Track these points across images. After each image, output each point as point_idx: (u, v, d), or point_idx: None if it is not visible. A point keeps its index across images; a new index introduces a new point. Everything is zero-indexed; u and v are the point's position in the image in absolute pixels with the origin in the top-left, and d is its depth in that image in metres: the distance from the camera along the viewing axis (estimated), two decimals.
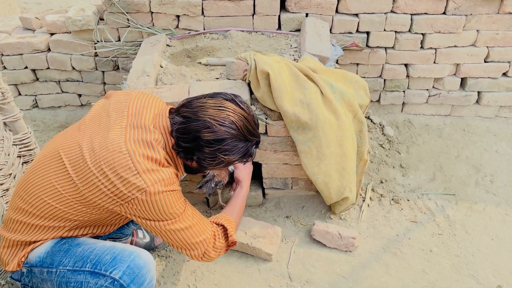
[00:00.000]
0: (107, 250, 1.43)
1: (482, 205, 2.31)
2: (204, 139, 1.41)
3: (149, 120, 1.48)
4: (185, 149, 1.45)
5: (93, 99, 3.06)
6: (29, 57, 2.85)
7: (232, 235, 1.57)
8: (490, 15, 2.55)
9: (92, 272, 1.39)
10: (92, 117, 1.54)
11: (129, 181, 1.34)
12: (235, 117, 1.44)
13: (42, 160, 1.47)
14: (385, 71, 2.78)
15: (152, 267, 1.45)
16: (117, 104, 1.54)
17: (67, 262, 1.42)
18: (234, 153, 1.45)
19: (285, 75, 2.00)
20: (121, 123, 1.45)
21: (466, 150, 2.66)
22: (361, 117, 2.08)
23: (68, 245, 1.47)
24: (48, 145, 1.53)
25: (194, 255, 1.50)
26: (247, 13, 2.56)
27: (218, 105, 1.44)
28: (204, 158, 1.46)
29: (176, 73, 2.25)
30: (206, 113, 1.42)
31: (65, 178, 1.40)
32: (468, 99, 2.86)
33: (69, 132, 1.52)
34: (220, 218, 1.61)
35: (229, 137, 1.42)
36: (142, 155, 1.37)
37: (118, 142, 1.38)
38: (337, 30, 2.62)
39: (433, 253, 2.05)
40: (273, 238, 2.03)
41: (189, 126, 1.42)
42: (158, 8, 2.56)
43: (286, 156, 2.14)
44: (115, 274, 1.37)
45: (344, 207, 2.16)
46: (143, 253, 1.44)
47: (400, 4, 2.52)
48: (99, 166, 1.35)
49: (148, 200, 1.36)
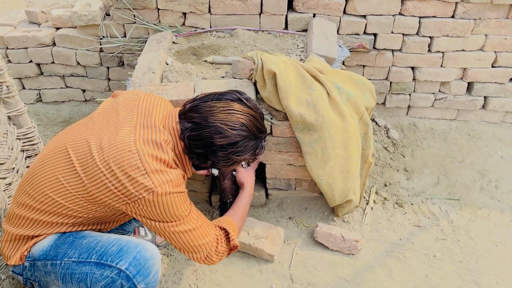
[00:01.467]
0: (113, 242, 1.43)
1: (486, 210, 2.29)
2: (217, 144, 1.42)
3: (158, 120, 1.48)
4: (198, 154, 1.47)
5: (97, 94, 3.05)
6: (34, 51, 2.85)
7: (234, 239, 1.58)
8: (499, 19, 2.53)
9: (97, 263, 1.38)
10: (100, 114, 1.52)
11: (137, 181, 1.33)
12: (245, 118, 1.45)
13: (48, 155, 1.45)
14: (392, 74, 2.77)
15: (158, 260, 1.44)
16: (126, 102, 1.54)
17: (72, 254, 1.41)
18: (245, 152, 1.48)
19: (291, 75, 1.98)
20: (131, 121, 1.45)
21: (471, 155, 2.65)
22: (367, 119, 2.07)
23: (73, 237, 1.46)
24: (55, 140, 1.52)
25: (197, 258, 1.50)
26: (254, 12, 2.55)
27: (228, 109, 1.44)
28: (218, 161, 1.49)
29: (181, 71, 2.23)
30: (217, 118, 1.42)
31: (72, 174, 1.39)
32: (474, 104, 2.84)
33: (76, 127, 1.51)
34: (223, 222, 1.61)
35: (241, 139, 1.45)
36: (151, 155, 1.37)
37: (128, 141, 1.38)
38: (344, 31, 2.60)
39: (437, 258, 2.03)
40: (276, 239, 2.01)
41: (201, 133, 1.42)
42: (164, 5, 2.55)
43: (291, 157, 2.13)
44: (121, 265, 1.37)
45: (347, 210, 2.14)
46: (149, 245, 1.44)
47: (409, 7, 2.50)
48: (108, 164, 1.34)
49: (155, 201, 1.35)
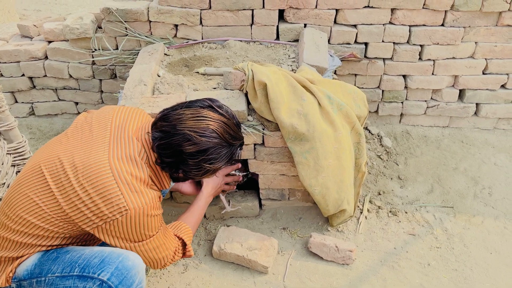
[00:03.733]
0: (95, 254, 1.42)
1: (480, 218, 2.29)
2: (187, 152, 1.40)
3: (132, 132, 1.47)
4: (169, 164, 1.45)
5: (90, 107, 3.04)
6: (26, 64, 2.84)
7: (190, 250, 1.65)
8: (489, 27, 2.55)
9: (80, 276, 1.37)
10: (74, 130, 1.51)
11: (112, 202, 1.33)
12: (214, 125, 1.42)
13: (24, 175, 1.45)
14: (383, 82, 2.78)
15: (141, 269, 1.43)
16: (100, 117, 1.53)
17: (55, 269, 1.40)
18: (219, 160, 1.45)
19: (282, 86, 1.99)
20: (104, 138, 1.44)
21: (464, 162, 2.65)
22: (359, 128, 2.07)
23: (57, 253, 1.45)
24: (32, 159, 1.51)
25: (153, 266, 1.56)
26: (246, 23, 2.56)
27: (196, 115, 1.42)
28: (190, 170, 1.46)
29: (173, 83, 2.24)
30: (185, 126, 1.40)
31: (46, 193, 1.38)
32: (466, 111, 2.85)
33: (51, 145, 1.50)
34: (181, 230, 1.66)
35: (212, 146, 1.42)
36: (127, 173, 1.37)
37: (102, 160, 1.37)
38: (335, 41, 2.62)
39: (431, 267, 2.02)
40: (269, 250, 2.00)
41: (170, 141, 1.40)
42: (156, 17, 2.55)
43: (283, 167, 2.12)
44: (103, 276, 1.36)
45: (341, 220, 2.14)
46: (131, 255, 1.43)
47: (399, 16, 2.52)
48: (82, 185, 1.34)
49: (127, 223, 1.37)
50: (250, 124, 2.01)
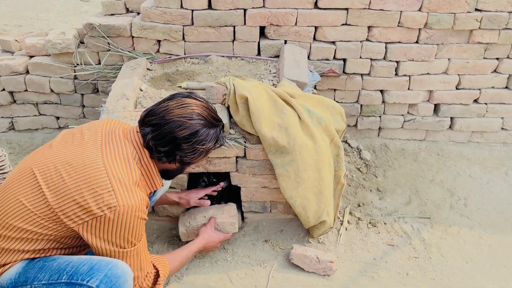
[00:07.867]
0: (84, 261, 1.42)
1: (456, 228, 2.35)
2: (180, 137, 1.50)
3: (121, 133, 1.56)
4: (166, 153, 1.53)
5: (72, 121, 3.03)
6: (7, 79, 2.83)
7: (160, 284, 1.61)
8: (460, 44, 2.67)
9: (68, 283, 1.37)
10: (64, 136, 1.57)
11: (102, 197, 1.36)
12: (198, 109, 1.55)
13: (12, 180, 1.45)
14: (362, 97, 2.86)
15: (130, 278, 1.43)
16: (89, 126, 1.60)
17: (42, 277, 1.39)
18: (208, 140, 1.57)
19: (263, 99, 2.03)
20: (95, 141, 1.50)
21: (440, 174, 2.73)
22: (338, 141, 2.12)
23: (43, 261, 1.44)
24: (18, 167, 1.52)
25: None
26: (228, 39, 2.61)
27: (181, 103, 1.54)
28: (186, 154, 1.55)
29: (155, 97, 2.26)
30: (173, 114, 1.51)
31: (35, 193, 1.39)
32: (441, 125, 2.95)
33: (40, 151, 1.53)
34: (160, 262, 1.65)
35: (201, 127, 1.53)
36: (119, 171, 1.42)
37: (95, 159, 1.42)
38: (315, 57, 2.69)
39: (410, 277, 2.06)
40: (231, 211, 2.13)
41: (162, 131, 1.50)
42: (139, 33, 2.59)
43: (265, 179, 2.16)
44: (92, 282, 1.35)
45: (322, 231, 2.17)
46: (120, 263, 1.43)
47: (375, 33, 2.61)
48: (74, 179, 1.37)
49: (115, 220, 1.38)
50: (232, 137, 2.05)
